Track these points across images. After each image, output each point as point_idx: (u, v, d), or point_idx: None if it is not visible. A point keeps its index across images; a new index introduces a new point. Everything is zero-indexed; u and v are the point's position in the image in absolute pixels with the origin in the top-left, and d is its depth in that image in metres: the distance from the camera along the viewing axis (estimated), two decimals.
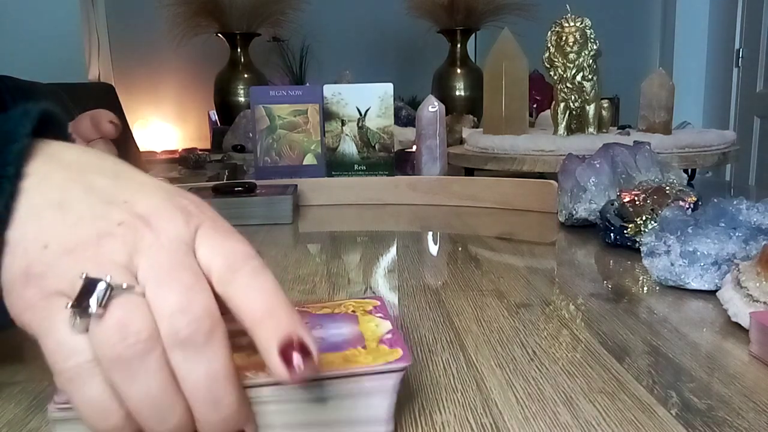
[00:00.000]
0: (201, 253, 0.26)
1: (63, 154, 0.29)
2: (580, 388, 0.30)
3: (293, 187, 0.81)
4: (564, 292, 0.46)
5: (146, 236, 0.26)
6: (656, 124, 1.00)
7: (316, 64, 2.97)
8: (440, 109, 0.90)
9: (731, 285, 0.38)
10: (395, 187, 0.87)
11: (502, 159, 0.92)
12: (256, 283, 0.26)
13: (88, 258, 0.25)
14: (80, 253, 0.25)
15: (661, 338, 0.36)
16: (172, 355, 0.24)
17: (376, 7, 3.01)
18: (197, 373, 0.24)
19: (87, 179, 0.28)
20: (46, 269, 0.25)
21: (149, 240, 0.26)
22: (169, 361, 0.24)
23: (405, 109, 1.62)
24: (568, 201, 0.66)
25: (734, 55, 3.01)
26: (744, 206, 0.44)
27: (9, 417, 0.28)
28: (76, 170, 0.28)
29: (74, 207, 0.27)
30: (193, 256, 0.26)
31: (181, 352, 0.24)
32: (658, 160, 0.65)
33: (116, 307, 0.24)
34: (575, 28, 0.91)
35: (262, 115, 0.90)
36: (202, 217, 0.27)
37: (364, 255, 0.61)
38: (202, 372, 0.24)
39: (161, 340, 0.24)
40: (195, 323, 0.24)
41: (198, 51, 2.56)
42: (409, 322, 0.39)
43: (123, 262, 0.25)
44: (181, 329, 0.24)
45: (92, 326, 0.24)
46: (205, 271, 0.26)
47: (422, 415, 0.28)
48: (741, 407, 0.28)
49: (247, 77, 2.24)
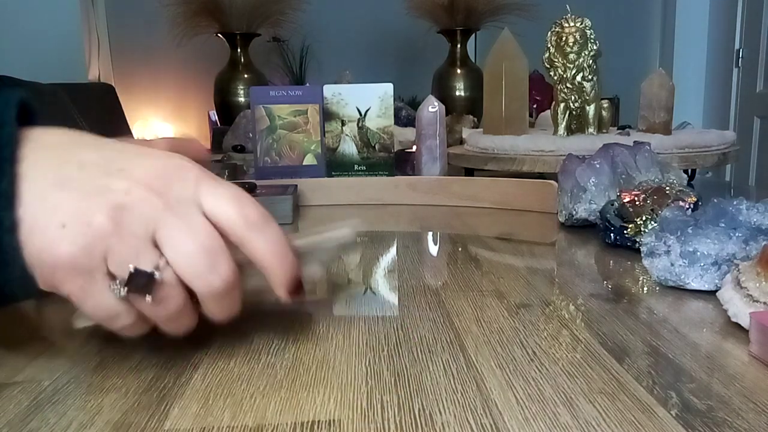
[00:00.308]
0: (210, 206, 0.30)
1: (44, 137, 0.30)
2: (580, 388, 0.30)
3: (293, 187, 0.81)
4: (564, 293, 0.46)
5: (155, 202, 0.29)
6: (656, 124, 1.00)
7: (316, 64, 2.97)
8: (440, 109, 0.90)
9: (731, 285, 0.38)
10: (395, 187, 0.87)
11: (502, 159, 0.92)
12: (267, 233, 0.31)
13: (112, 236, 0.28)
14: (103, 230, 0.28)
15: (661, 338, 0.36)
16: (205, 305, 0.31)
17: (376, 7, 3.01)
18: (222, 314, 0.32)
19: (76, 157, 0.30)
20: (76, 250, 0.28)
21: (159, 205, 0.29)
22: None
23: (405, 109, 1.62)
24: (568, 201, 0.66)
25: (734, 55, 3.01)
26: (744, 206, 0.44)
27: (9, 417, 0.28)
28: (63, 150, 0.30)
29: (74, 184, 0.29)
30: (202, 214, 0.30)
31: (212, 303, 0.31)
32: (658, 160, 0.65)
33: (159, 292, 0.29)
34: (575, 28, 0.91)
35: (262, 115, 0.90)
36: (197, 170, 0.31)
37: (364, 255, 0.61)
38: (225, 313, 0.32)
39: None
40: (222, 283, 0.30)
41: (198, 51, 2.56)
42: (409, 322, 0.39)
43: (143, 234, 0.28)
44: (213, 288, 0.30)
45: (138, 303, 0.29)
46: (214, 221, 0.30)
47: (422, 415, 0.28)
48: (741, 408, 0.28)
49: (247, 77, 2.25)
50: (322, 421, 0.27)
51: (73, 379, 0.32)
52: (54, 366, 0.34)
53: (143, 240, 0.28)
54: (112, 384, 0.31)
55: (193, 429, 0.27)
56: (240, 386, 0.31)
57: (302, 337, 0.37)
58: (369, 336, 0.37)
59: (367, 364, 0.33)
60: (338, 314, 0.42)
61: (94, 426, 0.27)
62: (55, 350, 0.36)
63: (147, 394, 0.30)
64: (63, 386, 0.31)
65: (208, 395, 0.30)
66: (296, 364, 0.33)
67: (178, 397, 0.30)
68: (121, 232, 0.28)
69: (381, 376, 0.32)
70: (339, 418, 0.27)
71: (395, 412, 0.28)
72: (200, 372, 0.33)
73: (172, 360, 0.34)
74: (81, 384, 0.32)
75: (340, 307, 0.44)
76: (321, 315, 0.41)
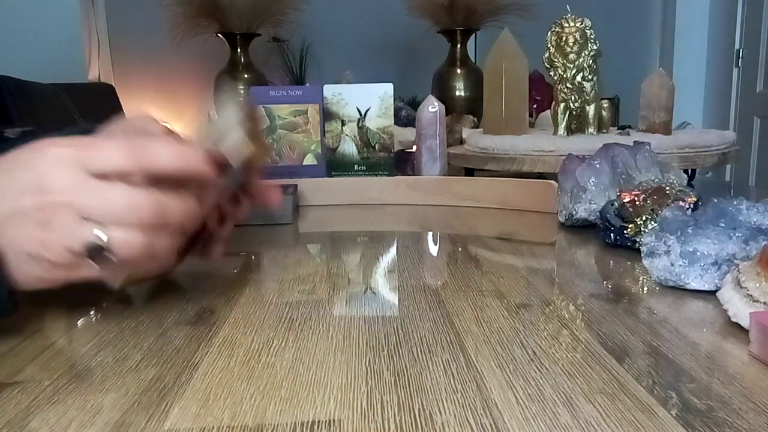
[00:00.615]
0: (96, 167, 0.35)
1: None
2: (580, 388, 0.30)
3: (293, 187, 0.81)
4: (564, 293, 0.46)
5: (60, 199, 0.34)
6: (656, 124, 1.00)
7: (316, 64, 2.97)
8: (440, 109, 0.90)
9: (731, 285, 0.38)
10: (395, 187, 0.87)
11: (502, 159, 0.92)
12: (151, 148, 0.37)
13: (59, 232, 0.35)
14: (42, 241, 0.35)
15: (661, 338, 0.36)
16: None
17: (376, 7, 3.01)
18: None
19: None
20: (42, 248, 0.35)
21: (66, 201, 0.34)
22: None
23: (405, 109, 1.62)
24: (568, 201, 0.66)
25: (734, 56, 3.01)
26: (744, 206, 0.44)
27: (9, 417, 0.28)
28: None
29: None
30: (108, 184, 0.35)
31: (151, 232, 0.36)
32: (658, 160, 0.65)
33: (116, 249, 0.35)
34: (575, 28, 0.91)
35: (262, 115, 0.90)
36: (67, 148, 0.36)
37: (364, 255, 0.61)
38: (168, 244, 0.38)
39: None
40: (151, 209, 0.36)
41: (198, 51, 2.56)
42: (409, 322, 0.39)
43: (71, 221, 0.35)
44: (144, 217, 0.35)
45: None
46: (117, 174, 0.35)
47: (422, 415, 0.28)
48: (741, 408, 0.28)
49: (247, 77, 2.25)
50: (322, 421, 0.27)
51: (73, 379, 0.32)
52: (54, 366, 0.34)
53: (74, 224, 0.35)
54: (112, 384, 0.31)
55: (193, 429, 0.27)
56: (240, 386, 0.31)
57: (302, 337, 0.37)
58: (369, 336, 0.37)
59: (367, 364, 0.33)
60: (338, 314, 0.42)
61: (94, 426, 0.27)
62: (55, 350, 0.36)
63: (147, 394, 0.30)
64: (63, 386, 0.31)
65: (208, 395, 0.30)
66: (296, 364, 0.33)
67: (178, 397, 0.30)
68: (54, 232, 0.35)
69: (381, 376, 0.32)
70: (339, 418, 0.27)
71: (395, 412, 0.28)
72: (200, 372, 0.33)
73: (172, 360, 0.34)
74: (81, 384, 0.32)
75: (340, 307, 0.44)
76: (321, 315, 0.41)
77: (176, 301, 0.45)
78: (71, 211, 0.34)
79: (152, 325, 0.40)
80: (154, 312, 0.42)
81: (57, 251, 0.35)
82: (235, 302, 0.44)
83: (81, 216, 0.34)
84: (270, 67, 2.78)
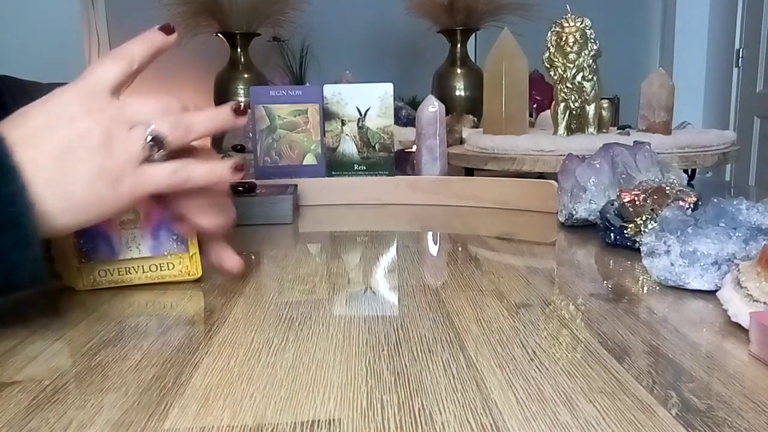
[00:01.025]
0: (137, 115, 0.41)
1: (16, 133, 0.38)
2: (580, 388, 0.30)
3: (293, 187, 0.81)
4: (564, 292, 0.46)
5: (109, 116, 0.39)
6: (656, 124, 1.00)
7: (316, 64, 2.97)
8: (440, 109, 0.90)
9: (731, 285, 0.38)
10: (395, 187, 0.87)
11: (502, 159, 0.92)
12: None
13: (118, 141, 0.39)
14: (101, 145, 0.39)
15: (661, 338, 0.36)
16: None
17: (376, 7, 3.01)
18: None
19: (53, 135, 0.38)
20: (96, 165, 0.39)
21: (113, 115, 0.39)
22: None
23: (405, 109, 1.62)
24: (568, 201, 0.66)
25: (734, 55, 3.01)
26: (744, 206, 0.44)
27: (9, 417, 0.28)
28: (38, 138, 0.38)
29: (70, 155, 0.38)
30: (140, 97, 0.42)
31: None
32: (658, 160, 0.65)
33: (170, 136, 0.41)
34: (575, 28, 0.91)
35: (262, 115, 0.90)
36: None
37: (364, 255, 0.61)
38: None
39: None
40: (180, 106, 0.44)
41: (198, 51, 2.55)
42: (409, 321, 0.39)
43: (126, 125, 0.40)
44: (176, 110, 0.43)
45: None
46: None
47: (422, 414, 0.28)
48: (741, 407, 0.28)
49: (247, 77, 2.24)
50: (322, 421, 0.27)
51: (73, 379, 0.32)
52: (54, 366, 0.34)
53: (129, 131, 0.39)
54: (112, 384, 0.31)
55: (192, 429, 0.27)
56: (240, 386, 0.31)
57: (302, 336, 0.37)
58: (369, 336, 0.37)
59: (367, 364, 0.33)
60: (338, 314, 0.42)
61: (94, 426, 0.27)
62: (55, 350, 0.36)
63: (147, 393, 0.30)
64: (63, 386, 0.31)
65: (208, 395, 0.30)
66: (296, 364, 0.33)
67: (178, 397, 0.30)
68: (115, 142, 0.39)
69: (381, 375, 0.32)
70: (339, 418, 0.27)
71: (395, 411, 0.28)
72: (200, 372, 0.33)
73: (172, 360, 0.34)
74: (81, 384, 0.32)
75: (340, 307, 0.44)
76: (321, 315, 0.41)
77: (176, 301, 0.45)
78: (120, 123, 0.39)
79: (152, 324, 0.40)
80: (154, 312, 0.42)
81: (121, 159, 0.38)
82: (235, 302, 0.44)
83: (130, 124, 0.40)
84: (270, 66, 2.77)
